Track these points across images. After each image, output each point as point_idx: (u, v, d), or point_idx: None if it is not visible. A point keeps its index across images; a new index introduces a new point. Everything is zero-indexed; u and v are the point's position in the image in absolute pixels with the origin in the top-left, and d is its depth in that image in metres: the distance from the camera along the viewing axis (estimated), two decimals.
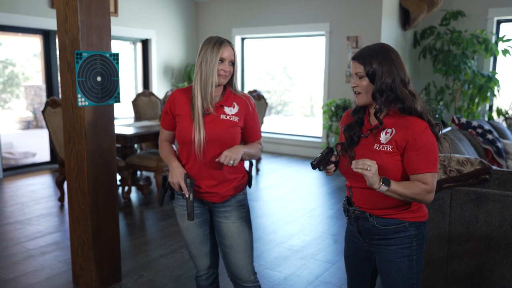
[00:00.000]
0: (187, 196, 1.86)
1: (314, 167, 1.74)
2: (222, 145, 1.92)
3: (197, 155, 1.91)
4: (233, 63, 1.93)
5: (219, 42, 1.89)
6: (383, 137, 1.64)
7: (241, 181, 2.01)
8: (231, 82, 1.98)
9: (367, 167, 1.50)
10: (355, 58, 1.66)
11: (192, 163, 1.95)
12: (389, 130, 1.64)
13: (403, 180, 1.63)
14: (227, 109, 1.94)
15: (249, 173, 2.08)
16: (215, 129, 1.90)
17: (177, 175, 1.88)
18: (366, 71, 1.62)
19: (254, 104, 2.03)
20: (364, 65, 1.62)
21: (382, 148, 1.63)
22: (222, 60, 1.89)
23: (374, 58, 1.61)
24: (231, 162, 1.83)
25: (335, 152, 1.81)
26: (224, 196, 1.97)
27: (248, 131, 2.03)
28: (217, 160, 1.86)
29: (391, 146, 1.62)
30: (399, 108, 1.62)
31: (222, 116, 1.93)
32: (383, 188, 1.54)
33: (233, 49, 1.92)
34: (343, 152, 1.74)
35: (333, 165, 1.78)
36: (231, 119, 1.93)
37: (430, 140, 1.59)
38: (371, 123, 1.71)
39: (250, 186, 2.09)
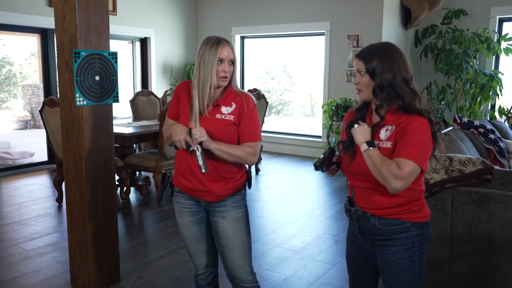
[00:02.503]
0: (194, 148, 1.80)
1: (317, 168, 1.75)
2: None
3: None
4: (233, 62, 1.90)
5: (217, 42, 1.87)
6: (383, 134, 1.64)
7: (238, 181, 1.98)
8: (231, 80, 1.95)
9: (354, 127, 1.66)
10: (357, 55, 1.68)
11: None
12: (389, 127, 1.64)
13: None
14: (223, 109, 1.92)
15: (248, 173, 2.04)
16: (209, 128, 1.88)
17: (181, 131, 1.82)
18: (366, 67, 1.63)
19: (254, 104, 1.96)
20: (365, 62, 1.64)
21: (381, 144, 1.63)
22: (221, 61, 1.87)
23: (375, 56, 1.62)
24: (198, 133, 1.80)
25: (337, 152, 1.80)
26: (219, 195, 1.94)
27: (240, 131, 1.94)
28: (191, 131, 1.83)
29: (390, 143, 1.61)
30: (399, 105, 1.62)
31: (218, 116, 1.91)
32: (364, 146, 1.60)
33: (231, 48, 1.89)
34: (345, 150, 1.73)
35: (335, 165, 1.78)
36: (226, 118, 1.91)
37: (423, 134, 1.57)
38: (373, 121, 1.71)
39: (250, 187, 2.06)
